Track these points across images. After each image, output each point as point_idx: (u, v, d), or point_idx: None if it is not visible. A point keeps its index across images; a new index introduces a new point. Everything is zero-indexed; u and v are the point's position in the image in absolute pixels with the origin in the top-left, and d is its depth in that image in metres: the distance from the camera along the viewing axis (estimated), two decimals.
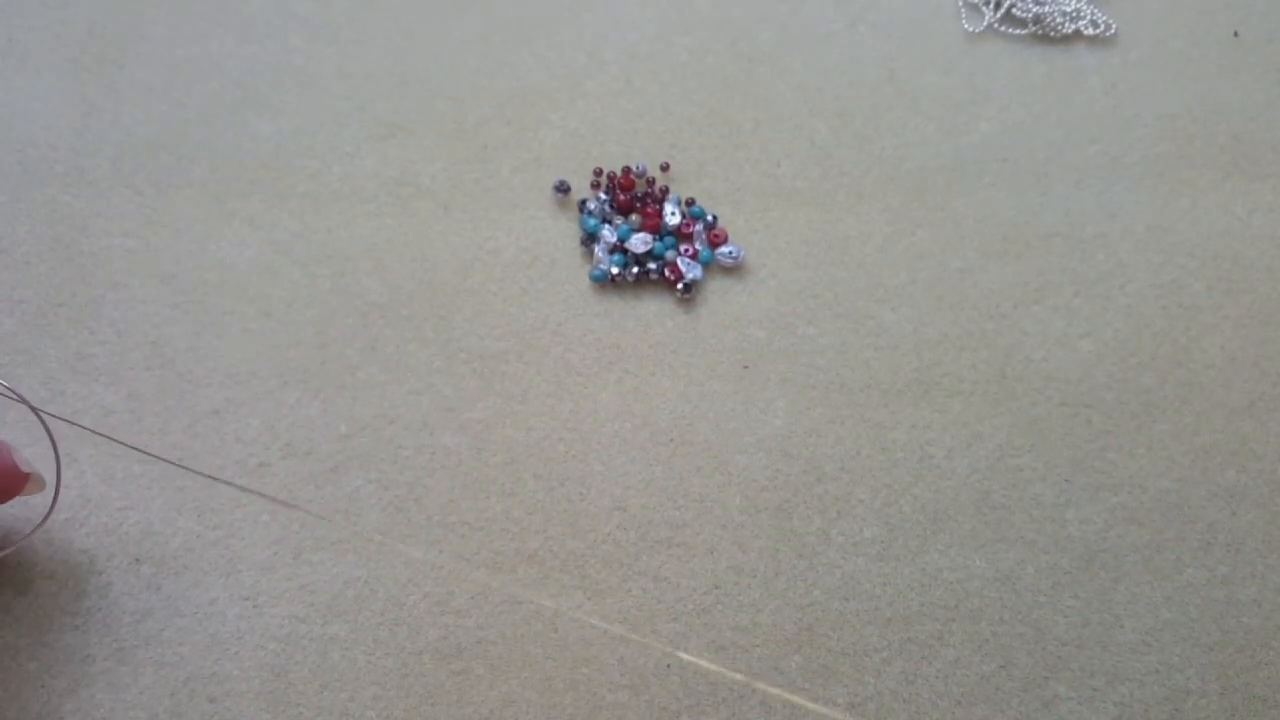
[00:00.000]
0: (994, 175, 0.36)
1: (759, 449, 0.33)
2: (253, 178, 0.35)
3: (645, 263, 0.35)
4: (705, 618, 0.31)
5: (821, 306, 0.34)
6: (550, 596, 0.31)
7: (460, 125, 0.37)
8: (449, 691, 0.30)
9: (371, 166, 0.36)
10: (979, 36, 0.39)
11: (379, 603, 0.31)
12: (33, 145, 0.35)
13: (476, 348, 0.34)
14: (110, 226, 0.34)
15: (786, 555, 0.32)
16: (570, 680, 0.30)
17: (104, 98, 0.36)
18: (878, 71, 0.38)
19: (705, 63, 0.38)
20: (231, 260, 0.34)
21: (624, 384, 0.34)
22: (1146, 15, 0.39)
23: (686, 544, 0.32)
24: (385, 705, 0.30)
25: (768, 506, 0.32)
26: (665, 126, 0.37)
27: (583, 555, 0.31)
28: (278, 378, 0.33)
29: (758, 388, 0.34)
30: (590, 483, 0.32)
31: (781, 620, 0.31)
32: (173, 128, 0.36)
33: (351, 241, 0.35)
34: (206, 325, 0.33)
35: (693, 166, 0.36)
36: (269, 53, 0.37)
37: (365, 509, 0.32)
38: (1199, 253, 0.35)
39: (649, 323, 0.34)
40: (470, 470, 0.32)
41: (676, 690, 0.30)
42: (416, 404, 0.33)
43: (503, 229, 0.35)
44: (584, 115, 0.37)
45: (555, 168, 0.36)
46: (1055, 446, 0.33)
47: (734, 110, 0.37)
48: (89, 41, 0.37)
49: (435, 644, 0.30)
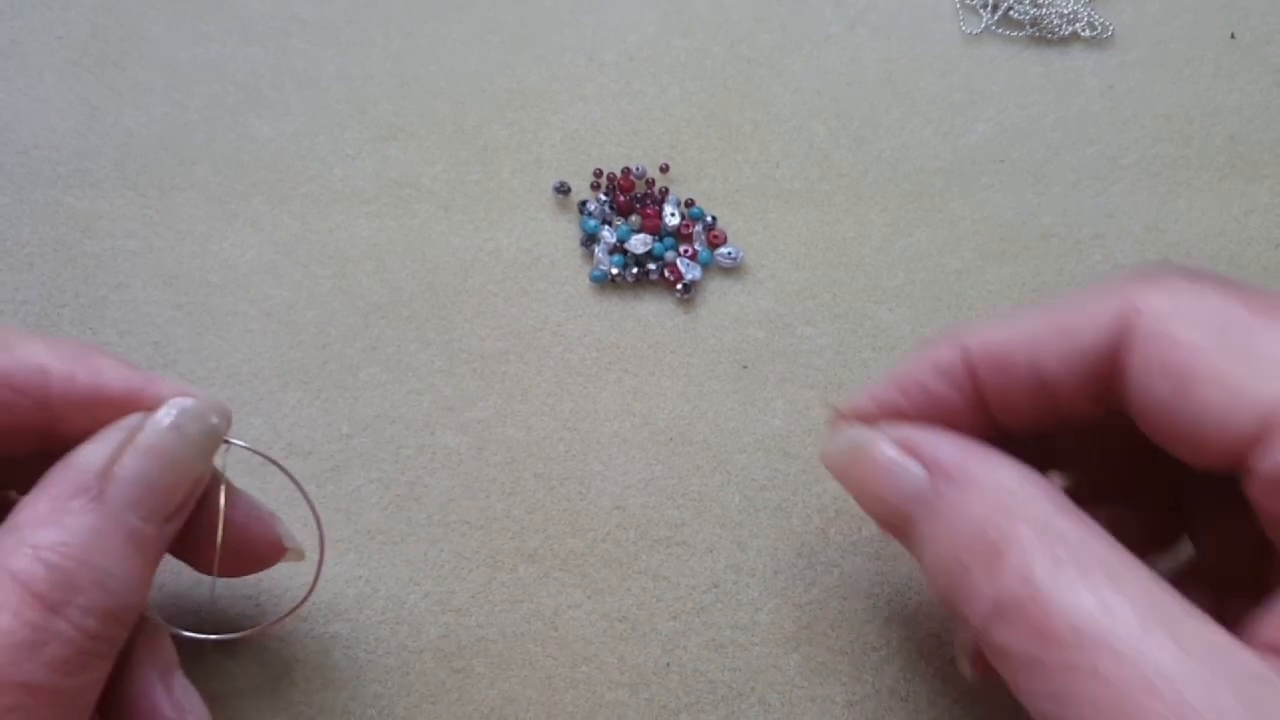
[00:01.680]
0: (991, 176, 0.37)
1: (758, 448, 0.33)
2: (254, 179, 0.36)
3: (645, 263, 0.35)
4: (704, 616, 0.31)
5: (820, 307, 0.35)
6: (550, 595, 0.31)
7: (461, 127, 0.37)
8: (449, 690, 0.30)
9: (372, 168, 0.36)
10: (977, 38, 0.39)
11: (380, 601, 0.31)
12: (35, 147, 0.35)
13: (477, 348, 0.34)
14: (113, 228, 0.35)
15: (785, 554, 0.32)
16: (570, 678, 0.30)
17: (106, 99, 0.36)
18: (876, 73, 0.38)
19: (704, 65, 0.38)
20: (233, 261, 0.34)
21: (624, 384, 0.34)
22: (1144, 17, 0.39)
23: (686, 543, 0.32)
24: (386, 703, 0.30)
25: (767, 505, 0.32)
26: (664, 128, 0.37)
27: (582, 554, 0.32)
28: (279, 378, 0.33)
29: (757, 387, 0.34)
30: (590, 482, 0.32)
31: (780, 619, 0.31)
32: (175, 129, 0.36)
33: (352, 242, 0.35)
34: (208, 326, 0.34)
35: (692, 168, 0.37)
36: (270, 55, 0.37)
37: (366, 508, 0.32)
38: (1196, 253, 0.36)
39: (649, 323, 0.35)
40: (471, 470, 0.32)
41: (676, 689, 0.30)
42: (417, 404, 0.33)
43: (503, 230, 0.36)
44: (584, 117, 0.37)
45: (555, 169, 0.36)
46: None
47: (733, 112, 0.37)
48: (91, 43, 0.37)
49: (436, 642, 0.30)
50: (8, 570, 0.21)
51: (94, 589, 0.22)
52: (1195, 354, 0.22)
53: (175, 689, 0.25)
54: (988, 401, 0.25)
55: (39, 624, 0.21)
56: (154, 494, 0.23)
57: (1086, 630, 0.20)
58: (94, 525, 0.22)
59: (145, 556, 0.23)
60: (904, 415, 0.26)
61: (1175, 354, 0.22)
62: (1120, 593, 0.20)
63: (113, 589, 0.22)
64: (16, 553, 0.21)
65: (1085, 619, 0.20)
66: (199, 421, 0.24)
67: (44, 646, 0.21)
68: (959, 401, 0.25)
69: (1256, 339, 0.21)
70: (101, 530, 0.22)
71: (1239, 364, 0.21)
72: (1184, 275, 0.23)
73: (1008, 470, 0.23)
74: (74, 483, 0.23)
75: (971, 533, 0.23)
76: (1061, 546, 0.21)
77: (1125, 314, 0.23)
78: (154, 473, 0.23)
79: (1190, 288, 0.23)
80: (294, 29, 0.38)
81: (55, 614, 0.21)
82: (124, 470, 0.23)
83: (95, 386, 0.24)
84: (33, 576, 0.21)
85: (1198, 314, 0.22)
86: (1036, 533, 0.22)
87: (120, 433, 0.23)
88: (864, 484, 0.26)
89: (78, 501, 0.22)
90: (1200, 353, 0.22)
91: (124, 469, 0.23)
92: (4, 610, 0.21)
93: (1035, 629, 0.21)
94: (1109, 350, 0.23)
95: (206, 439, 0.25)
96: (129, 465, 0.23)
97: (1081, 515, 0.22)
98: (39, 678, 0.21)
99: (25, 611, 0.21)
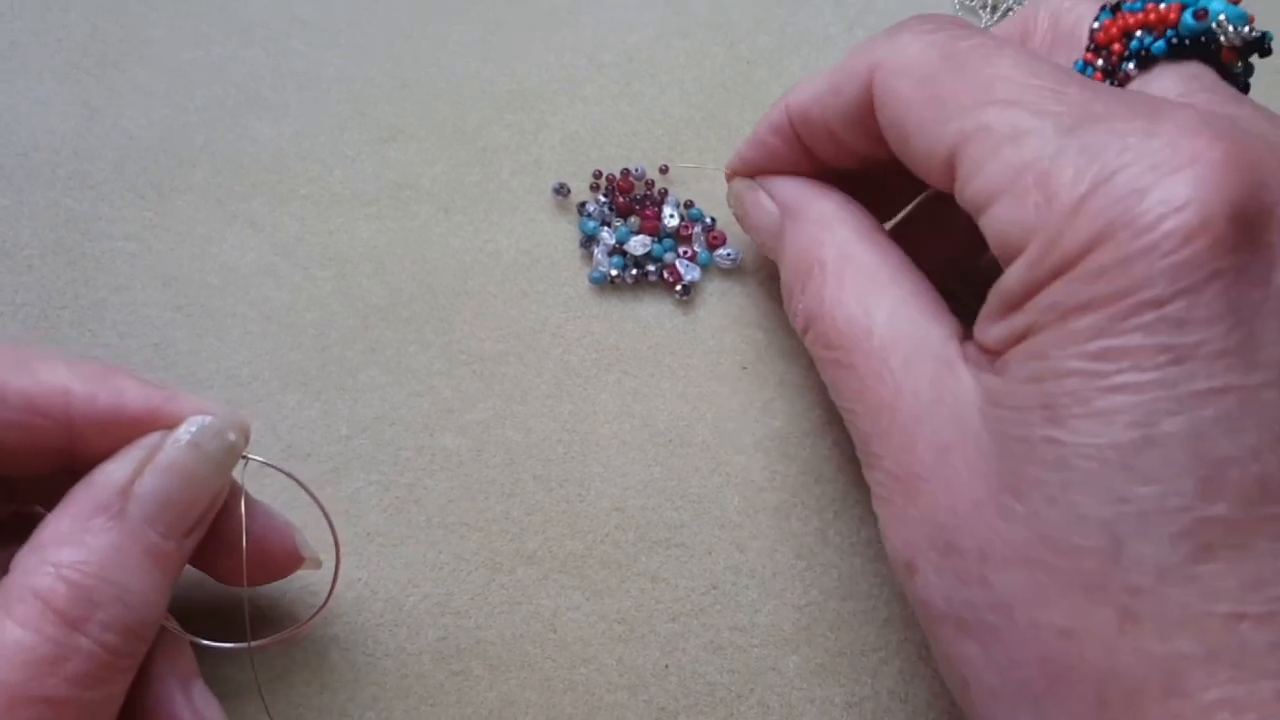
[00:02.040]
0: None
1: (757, 450, 0.33)
2: (254, 181, 0.36)
3: (644, 265, 0.35)
4: (703, 618, 0.31)
5: None
6: (549, 597, 0.31)
7: (460, 128, 0.37)
8: (448, 692, 0.30)
9: (372, 169, 0.36)
10: None
11: (378, 603, 0.31)
12: (35, 149, 0.35)
13: (476, 350, 0.34)
14: (112, 230, 0.35)
15: (784, 555, 0.32)
16: (569, 681, 0.30)
17: (106, 101, 0.36)
18: None
19: (704, 66, 0.38)
20: (233, 263, 0.34)
21: (623, 385, 0.34)
22: None
23: (685, 544, 0.32)
24: (384, 706, 0.30)
25: (766, 507, 0.32)
26: (664, 129, 0.37)
27: (581, 556, 0.32)
28: (279, 380, 0.33)
29: (756, 389, 0.34)
30: (589, 484, 0.32)
31: (779, 620, 0.31)
32: (174, 131, 0.36)
33: (352, 244, 0.35)
34: (208, 328, 0.34)
35: (691, 169, 0.37)
36: (270, 56, 0.37)
37: (365, 510, 0.32)
38: None
39: (648, 324, 0.35)
40: (470, 471, 0.32)
41: (675, 690, 0.30)
42: (417, 406, 0.33)
43: (502, 231, 0.36)
44: (583, 118, 0.37)
45: (554, 170, 0.36)
46: None
47: (732, 113, 0.37)
48: (90, 45, 0.37)
49: (434, 644, 0.30)
50: (30, 588, 0.22)
51: (114, 605, 0.23)
52: (906, 106, 0.25)
53: (195, 697, 0.26)
54: (807, 148, 0.30)
55: (61, 640, 0.22)
56: (173, 510, 0.24)
57: (846, 333, 0.26)
58: (115, 542, 0.23)
59: (164, 571, 0.24)
60: (756, 165, 0.32)
61: (895, 107, 0.25)
62: (881, 301, 0.26)
63: (133, 604, 0.23)
64: (39, 571, 0.22)
65: (848, 325, 0.26)
66: (217, 438, 0.25)
67: (65, 662, 0.22)
68: (788, 150, 0.31)
69: (941, 85, 0.24)
70: (122, 547, 0.23)
71: (931, 111, 0.24)
72: (916, 28, 0.26)
73: (828, 203, 0.29)
74: (95, 500, 0.23)
75: (797, 257, 0.29)
76: (849, 268, 0.27)
77: (870, 71, 0.26)
78: (173, 489, 0.24)
79: (914, 41, 0.25)
80: (294, 31, 0.38)
81: (76, 630, 0.22)
82: (144, 488, 0.24)
83: (116, 406, 0.24)
84: (54, 594, 0.22)
85: (910, 68, 0.25)
86: (835, 257, 0.27)
87: (141, 451, 0.24)
88: (747, 221, 0.32)
89: (99, 519, 0.23)
90: (908, 105, 0.25)
91: (144, 486, 0.24)
92: (26, 627, 0.22)
93: (823, 336, 0.27)
94: (866, 104, 0.27)
95: (225, 455, 0.25)
96: (149, 483, 0.24)
97: (875, 238, 0.28)
98: (61, 692, 0.22)
99: (47, 628, 0.22)
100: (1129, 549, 0.20)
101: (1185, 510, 0.20)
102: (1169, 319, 0.20)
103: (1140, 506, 0.20)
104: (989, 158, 0.23)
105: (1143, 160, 0.21)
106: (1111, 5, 0.26)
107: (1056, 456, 0.21)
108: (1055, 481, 0.21)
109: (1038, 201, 0.22)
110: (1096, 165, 0.21)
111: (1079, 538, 0.21)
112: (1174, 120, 0.21)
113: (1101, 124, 0.22)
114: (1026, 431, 0.22)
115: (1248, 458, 0.20)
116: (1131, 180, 0.21)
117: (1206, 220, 0.20)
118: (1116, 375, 0.20)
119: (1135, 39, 0.25)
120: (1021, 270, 0.22)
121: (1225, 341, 0.20)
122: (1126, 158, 0.21)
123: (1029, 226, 0.22)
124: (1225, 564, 0.20)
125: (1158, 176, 0.21)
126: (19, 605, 0.22)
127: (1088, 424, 0.21)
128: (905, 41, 0.25)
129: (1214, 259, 0.20)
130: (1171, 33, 0.24)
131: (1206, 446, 0.20)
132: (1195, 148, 0.21)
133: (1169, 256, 0.20)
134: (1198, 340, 0.20)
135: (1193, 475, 0.20)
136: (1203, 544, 0.20)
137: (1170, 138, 0.21)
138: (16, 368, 0.24)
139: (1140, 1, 0.25)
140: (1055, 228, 0.21)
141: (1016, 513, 0.22)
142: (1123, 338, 0.20)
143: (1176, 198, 0.20)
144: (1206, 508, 0.20)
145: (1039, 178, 0.22)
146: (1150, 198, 0.20)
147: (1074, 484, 0.21)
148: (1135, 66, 0.25)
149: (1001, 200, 0.23)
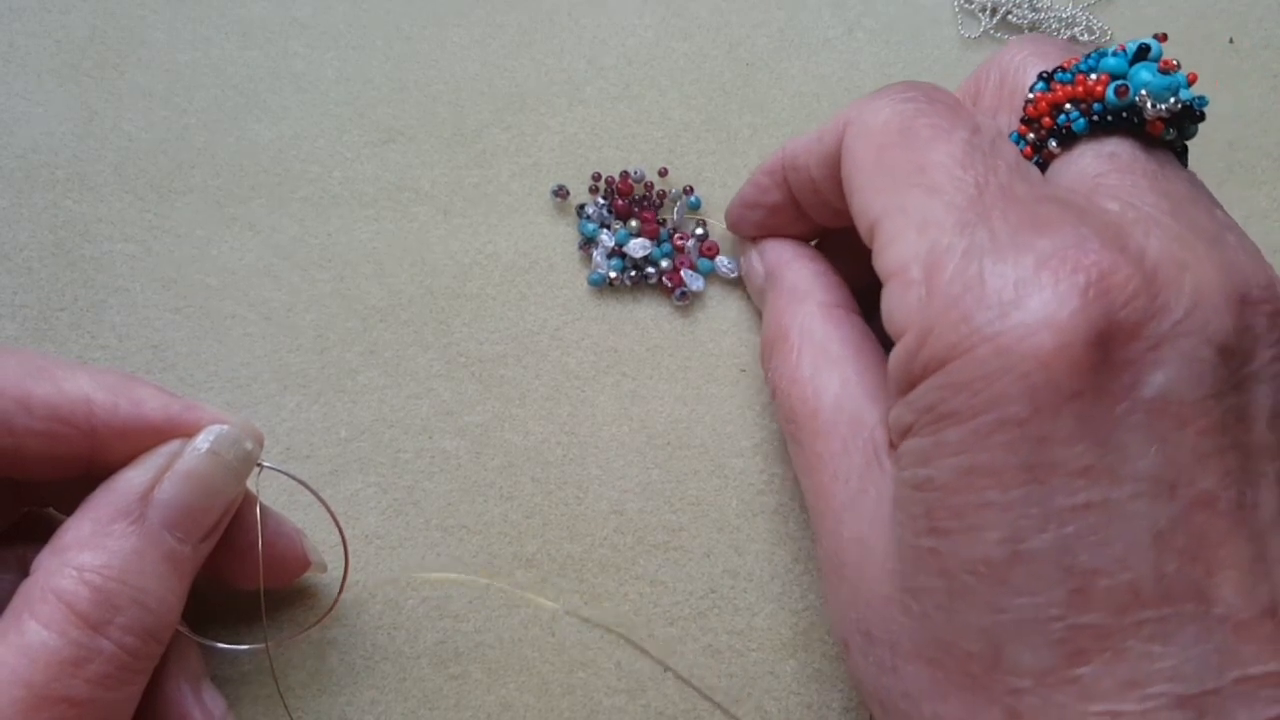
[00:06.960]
0: None
1: (755, 452, 0.33)
2: (253, 183, 0.36)
3: (643, 267, 0.35)
4: (701, 622, 0.31)
5: None
6: (548, 599, 0.31)
7: (459, 130, 0.37)
8: (446, 695, 0.30)
9: (371, 171, 0.36)
10: (975, 42, 0.39)
11: (377, 606, 0.31)
12: (34, 151, 0.35)
13: (475, 352, 0.34)
14: (111, 231, 0.35)
15: (782, 559, 0.32)
16: (567, 684, 0.30)
17: (105, 103, 0.36)
18: (874, 77, 0.38)
19: (703, 68, 0.38)
20: (232, 265, 0.34)
21: (621, 387, 0.34)
22: (1142, 22, 0.39)
23: (683, 547, 0.32)
24: (382, 709, 0.30)
25: (764, 510, 0.32)
26: (663, 131, 0.37)
27: (580, 559, 0.32)
28: (278, 382, 0.33)
29: (755, 391, 0.34)
30: (588, 486, 0.32)
31: (777, 624, 0.31)
32: (174, 133, 0.36)
33: (351, 246, 0.35)
34: (207, 330, 0.34)
35: (690, 171, 0.37)
36: (269, 58, 0.37)
37: (364, 512, 0.32)
38: None
39: (647, 327, 0.35)
40: (469, 474, 0.32)
41: (673, 694, 0.30)
42: (416, 408, 0.33)
43: (501, 233, 0.36)
44: (582, 120, 0.37)
45: (554, 173, 0.36)
46: None
47: (731, 116, 0.37)
48: (90, 47, 0.37)
49: (433, 648, 0.30)
50: (53, 591, 0.23)
51: (134, 608, 0.23)
52: (858, 168, 0.25)
53: (205, 697, 0.27)
54: (794, 197, 0.30)
55: (83, 642, 0.22)
56: (191, 516, 0.25)
57: (799, 410, 0.27)
58: (134, 547, 0.24)
59: (181, 575, 0.25)
60: (751, 203, 0.32)
61: (849, 165, 0.26)
62: (831, 379, 0.27)
63: (151, 607, 0.24)
64: (61, 573, 0.23)
65: (801, 403, 0.27)
66: (234, 447, 0.26)
67: (87, 663, 0.22)
68: (779, 194, 0.31)
69: (889, 156, 0.25)
70: (142, 552, 0.24)
71: (874, 178, 0.25)
72: (896, 94, 0.26)
73: (803, 273, 0.30)
74: (116, 506, 0.24)
75: (769, 326, 0.30)
76: (808, 343, 0.28)
77: (845, 128, 0.27)
78: (191, 496, 0.25)
79: (886, 106, 0.26)
80: (293, 32, 0.38)
81: (98, 632, 0.23)
82: (163, 494, 0.24)
83: (137, 415, 0.25)
84: (76, 597, 0.23)
85: (873, 132, 0.25)
86: (798, 332, 0.29)
87: (160, 458, 0.25)
88: (747, 282, 0.34)
89: (119, 525, 0.24)
90: (860, 167, 0.25)
91: (163, 493, 0.24)
92: (50, 628, 0.22)
93: (783, 409, 0.28)
94: (839, 155, 0.27)
95: (241, 463, 0.26)
96: (168, 489, 0.25)
97: (837, 314, 0.29)
98: (82, 692, 0.22)
99: (70, 630, 0.22)
100: (1008, 654, 0.21)
101: (1058, 619, 0.20)
102: (1030, 437, 0.21)
103: (1016, 615, 0.21)
104: (897, 238, 0.23)
105: (1015, 273, 0.21)
106: (1046, 75, 0.26)
107: (940, 567, 0.22)
108: (941, 589, 0.22)
109: (920, 294, 0.22)
110: (973, 269, 0.22)
111: (964, 642, 0.22)
112: (1057, 234, 0.22)
113: (995, 228, 0.22)
114: (916, 540, 0.22)
115: (1116, 568, 0.20)
116: (999, 292, 0.21)
117: (1063, 344, 0.20)
118: (985, 490, 0.21)
119: (1063, 113, 0.25)
120: (900, 354, 0.23)
121: (1086, 459, 0.20)
122: (1001, 269, 0.21)
123: (909, 315, 0.22)
124: (1101, 666, 0.20)
125: (1024, 293, 0.21)
126: (42, 606, 0.22)
127: (963, 539, 0.21)
128: (879, 105, 0.26)
129: (1071, 380, 0.20)
130: (1097, 107, 0.24)
131: (1074, 560, 0.20)
132: (1063, 267, 0.21)
133: (1028, 377, 0.21)
134: (1058, 459, 0.20)
135: (1063, 587, 0.20)
136: (1077, 649, 0.20)
137: (1043, 255, 0.21)
138: (40, 377, 0.24)
139: (1071, 73, 0.25)
140: (929, 323, 0.22)
141: (914, 611, 0.23)
142: (987, 454, 0.21)
143: (1036, 318, 0.21)
144: (1078, 616, 0.20)
145: (927, 270, 0.22)
146: (1014, 316, 0.21)
147: (956, 592, 0.22)
148: (1057, 144, 0.25)
149: (894, 282, 0.23)
